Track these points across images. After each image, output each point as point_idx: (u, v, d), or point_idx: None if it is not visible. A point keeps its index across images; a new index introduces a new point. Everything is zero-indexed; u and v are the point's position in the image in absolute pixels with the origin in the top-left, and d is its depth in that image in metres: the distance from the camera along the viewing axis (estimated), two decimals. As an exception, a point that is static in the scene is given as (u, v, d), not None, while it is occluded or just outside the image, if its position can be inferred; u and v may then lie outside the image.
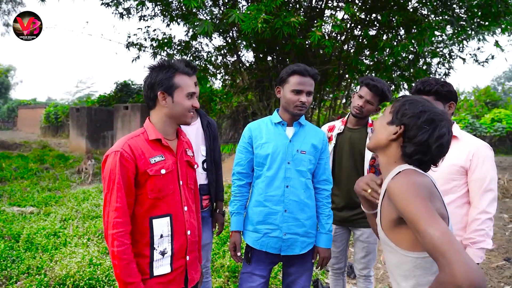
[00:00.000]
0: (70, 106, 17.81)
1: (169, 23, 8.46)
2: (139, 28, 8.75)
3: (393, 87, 8.15)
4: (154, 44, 8.58)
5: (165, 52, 8.66)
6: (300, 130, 2.12)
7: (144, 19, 8.67)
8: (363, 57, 8.18)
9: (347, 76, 8.53)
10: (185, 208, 1.70)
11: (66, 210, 5.63)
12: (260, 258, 2.11)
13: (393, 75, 7.85)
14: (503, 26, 7.12)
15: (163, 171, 1.60)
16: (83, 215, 5.43)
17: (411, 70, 7.89)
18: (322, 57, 8.06)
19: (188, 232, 1.70)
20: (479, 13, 6.72)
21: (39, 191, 7.18)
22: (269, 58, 8.73)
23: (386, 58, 7.17)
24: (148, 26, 8.84)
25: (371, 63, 7.88)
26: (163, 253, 1.61)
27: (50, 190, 7.35)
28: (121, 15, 8.33)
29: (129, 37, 8.82)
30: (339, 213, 2.56)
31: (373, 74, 7.57)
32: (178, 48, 8.78)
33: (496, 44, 8.12)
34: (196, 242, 1.78)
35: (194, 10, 7.21)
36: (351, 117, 2.55)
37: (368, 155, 2.46)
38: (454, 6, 7.02)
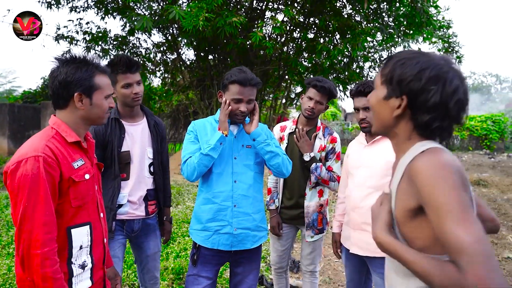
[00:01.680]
0: (-12, 103, 16.08)
1: (103, 16, 8.02)
2: (70, 20, 8.15)
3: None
4: (88, 38, 8.08)
5: (99, 47, 8.21)
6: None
7: (75, 11, 8.12)
8: (302, 59, 8.48)
9: (287, 77, 8.78)
10: (101, 215, 1.57)
11: (-15, 218, 5.08)
12: (206, 260, 2.08)
13: (330, 77, 8.24)
14: (425, 35, 7.86)
15: (87, 176, 1.46)
16: (7, 222, 4.93)
17: (346, 73, 8.35)
18: (263, 57, 8.21)
19: (105, 240, 1.58)
20: (405, 22, 7.37)
21: (-48, 197, 6.39)
22: (211, 57, 8.68)
23: (323, 60, 7.51)
24: (81, 18, 8.27)
25: (310, 65, 8.20)
26: (83, 266, 1.46)
27: (-35, 196, 6.57)
28: (49, 5, 7.71)
29: (59, 29, 8.20)
30: (288, 211, 2.62)
31: (311, 76, 7.88)
32: (114, 43, 8.37)
33: (419, 51, 8.91)
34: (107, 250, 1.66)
35: (131, 4, 6.92)
36: (301, 117, 2.61)
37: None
38: (384, 14, 7.59)
